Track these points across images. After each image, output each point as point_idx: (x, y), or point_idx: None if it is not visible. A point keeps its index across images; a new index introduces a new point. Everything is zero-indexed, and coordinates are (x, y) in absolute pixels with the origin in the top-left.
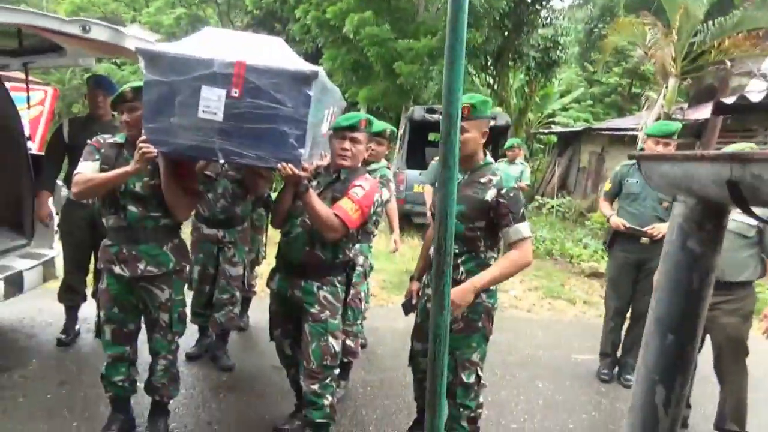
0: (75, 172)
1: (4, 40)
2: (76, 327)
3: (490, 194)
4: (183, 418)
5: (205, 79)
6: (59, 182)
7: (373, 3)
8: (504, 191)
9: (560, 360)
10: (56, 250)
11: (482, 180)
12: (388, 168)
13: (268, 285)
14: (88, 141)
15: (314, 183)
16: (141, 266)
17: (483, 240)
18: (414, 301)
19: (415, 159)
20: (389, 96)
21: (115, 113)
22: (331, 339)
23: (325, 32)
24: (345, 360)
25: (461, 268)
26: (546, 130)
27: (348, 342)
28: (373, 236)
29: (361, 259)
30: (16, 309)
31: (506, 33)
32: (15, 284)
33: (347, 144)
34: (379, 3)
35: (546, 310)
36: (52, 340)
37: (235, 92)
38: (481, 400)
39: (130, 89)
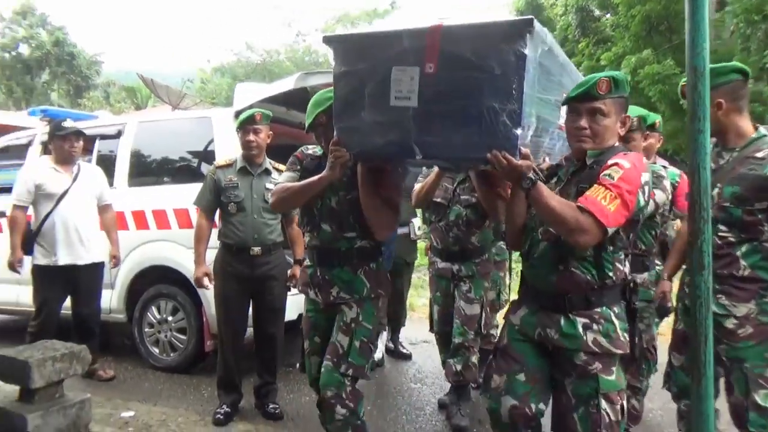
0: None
1: None
2: None
3: None
4: None
5: (395, 59)
6: None
7: (652, 42)
8: None
9: None
10: None
11: (758, 155)
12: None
13: (506, 317)
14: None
15: (552, 181)
16: (333, 292)
17: (766, 224)
18: (669, 304)
19: None
20: (679, 137)
21: None
22: (604, 404)
23: None
24: (626, 428)
25: (742, 262)
26: None
27: (633, 402)
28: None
29: (652, 292)
30: None
31: None
32: None
33: (583, 121)
34: (660, 40)
35: None
36: None
37: (430, 67)
38: None
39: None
